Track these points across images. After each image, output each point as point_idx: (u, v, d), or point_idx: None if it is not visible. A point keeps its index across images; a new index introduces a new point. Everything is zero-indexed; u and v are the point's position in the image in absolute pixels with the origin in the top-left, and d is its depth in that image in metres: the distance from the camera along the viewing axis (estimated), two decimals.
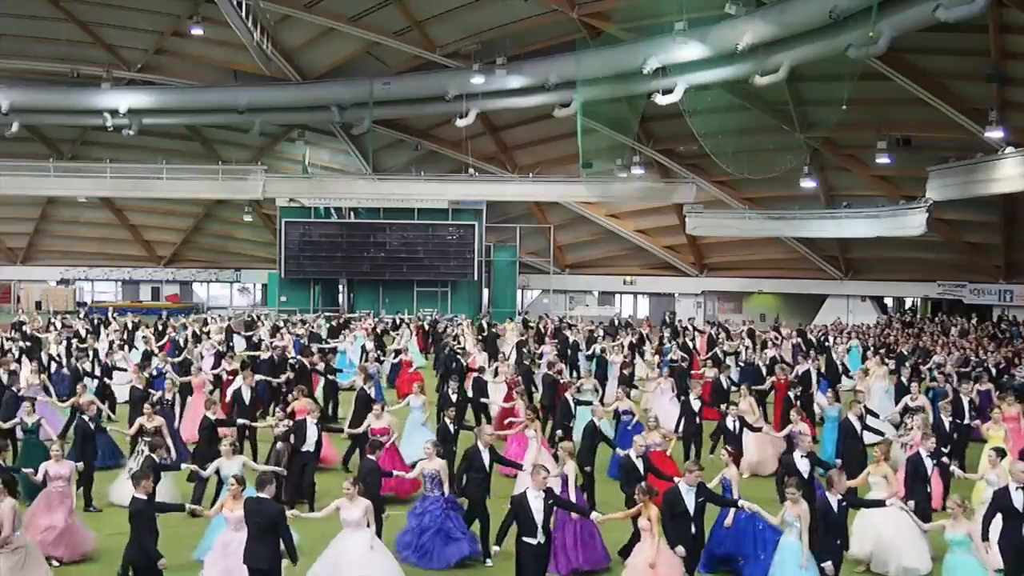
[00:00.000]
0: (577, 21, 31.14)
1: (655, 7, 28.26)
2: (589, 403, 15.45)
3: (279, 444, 13.10)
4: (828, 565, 9.20)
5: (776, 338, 28.49)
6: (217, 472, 11.59)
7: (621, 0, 29.62)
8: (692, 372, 21.38)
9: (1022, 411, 15.45)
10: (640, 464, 11.28)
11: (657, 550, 9.40)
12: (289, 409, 14.21)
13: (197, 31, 34.93)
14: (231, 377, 18.71)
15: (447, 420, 13.92)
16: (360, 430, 14.19)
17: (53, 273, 49.05)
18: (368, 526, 9.71)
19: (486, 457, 11.60)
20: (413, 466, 11.93)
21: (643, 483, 9.85)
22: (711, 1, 25.55)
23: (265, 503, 9.03)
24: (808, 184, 35.89)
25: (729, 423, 13.68)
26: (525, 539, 9.26)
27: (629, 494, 10.84)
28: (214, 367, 20.25)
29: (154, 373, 17.86)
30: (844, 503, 9.52)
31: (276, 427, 13.36)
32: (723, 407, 15.03)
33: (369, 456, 11.27)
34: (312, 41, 36.94)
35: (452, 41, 35.01)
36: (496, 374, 19.56)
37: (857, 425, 13.81)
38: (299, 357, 20.29)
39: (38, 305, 45.58)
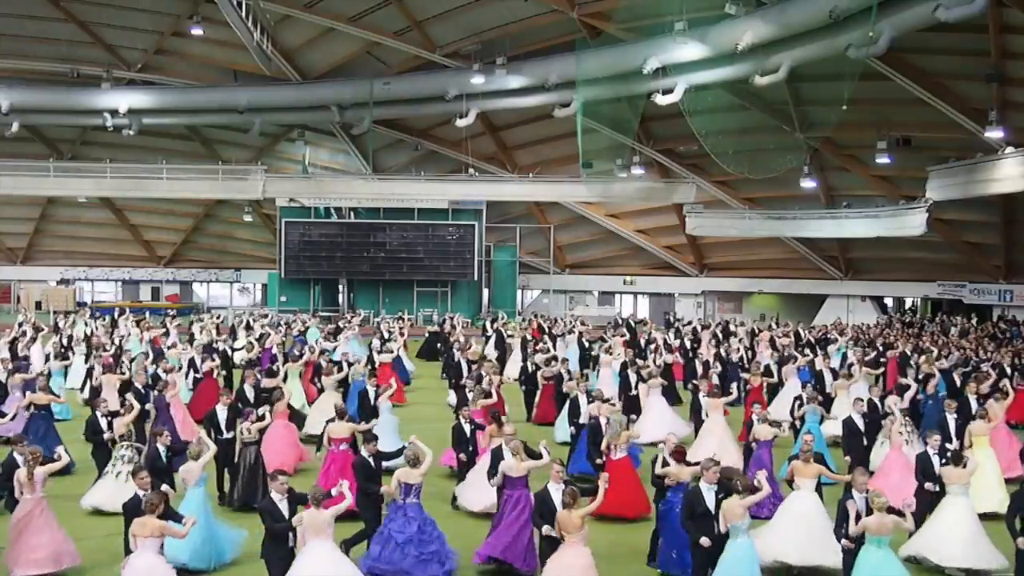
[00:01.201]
0: (577, 21, 31.14)
1: (655, 7, 28.25)
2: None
3: (247, 448, 12.98)
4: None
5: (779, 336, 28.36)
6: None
7: (621, 0, 29.62)
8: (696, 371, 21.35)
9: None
10: (673, 461, 11.19)
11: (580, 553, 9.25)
12: (262, 411, 13.96)
13: (197, 31, 34.93)
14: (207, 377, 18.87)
15: (462, 420, 13.63)
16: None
17: (53, 273, 49.02)
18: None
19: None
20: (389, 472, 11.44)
21: (570, 486, 9.61)
22: (711, 1, 25.57)
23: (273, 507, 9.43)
24: (808, 184, 35.89)
25: (755, 420, 13.71)
26: (546, 532, 9.61)
27: (657, 486, 11.13)
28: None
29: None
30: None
31: (245, 434, 13.06)
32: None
33: (362, 451, 11.27)
34: (312, 41, 36.95)
35: (452, 41, 35.01)
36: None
37: (860, 423, 13.87)
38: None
39: (38, 305, 45.58)
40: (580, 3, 30.61)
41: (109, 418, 13.72)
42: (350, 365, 18.63)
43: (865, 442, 14.10)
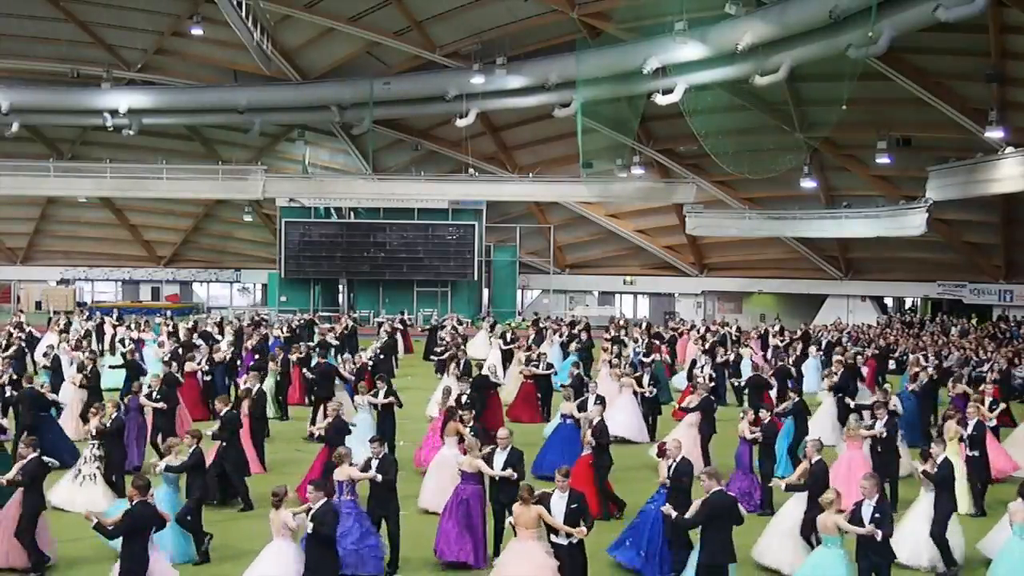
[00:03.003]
0: (577, 21, 31.14)
1: (655, 7, 28.26)
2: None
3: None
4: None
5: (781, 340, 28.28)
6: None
7: (621, 0, 29.62)
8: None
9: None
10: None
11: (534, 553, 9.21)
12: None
13: (197, 31, 34.91)
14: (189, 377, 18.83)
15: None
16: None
17: (53, 273, 49.00)
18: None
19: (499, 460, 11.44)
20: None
21: (524, 483, 9.61)
22: (711, 1, 25.56)
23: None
24: (808, 184, 35.90)
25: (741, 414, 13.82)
26: (552, 539, 9.42)
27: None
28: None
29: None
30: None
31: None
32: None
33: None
34: (312, 41, 36.93)
35: (452, 41, 35.00)
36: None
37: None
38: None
39: (38, 305, 45.56)
40: (580, 3, 30.61)
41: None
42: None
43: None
